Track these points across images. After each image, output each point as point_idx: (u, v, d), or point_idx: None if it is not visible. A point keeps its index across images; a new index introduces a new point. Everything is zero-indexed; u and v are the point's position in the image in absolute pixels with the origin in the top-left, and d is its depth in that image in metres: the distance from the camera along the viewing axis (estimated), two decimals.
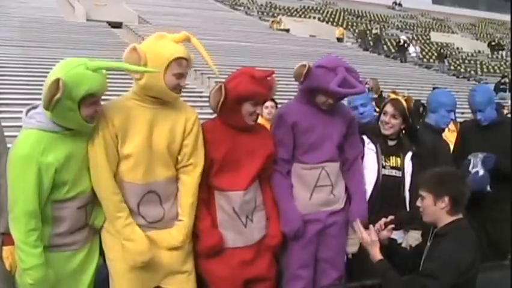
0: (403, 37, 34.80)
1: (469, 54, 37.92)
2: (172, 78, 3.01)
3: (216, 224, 3.34)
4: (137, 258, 3.02)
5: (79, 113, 2.80)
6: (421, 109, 5.61)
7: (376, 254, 3.20)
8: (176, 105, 3.20)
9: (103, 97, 2.96)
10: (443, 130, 4.36)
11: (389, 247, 3.40)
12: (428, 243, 3.22)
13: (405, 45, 32.97)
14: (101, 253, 3.20)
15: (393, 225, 3.40)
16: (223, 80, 3.35)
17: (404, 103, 3.92)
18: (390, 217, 3.38)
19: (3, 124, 3.27)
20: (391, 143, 3.92)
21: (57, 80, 2.64)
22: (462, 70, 31.88)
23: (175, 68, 3.01)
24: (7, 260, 3.03)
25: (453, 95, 4.55)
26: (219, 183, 3.32)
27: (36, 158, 2.78)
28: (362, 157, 3.82)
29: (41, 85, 2.81)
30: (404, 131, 3.97)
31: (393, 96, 3.99)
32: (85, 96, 2.77)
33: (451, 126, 4.73)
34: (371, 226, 3.30)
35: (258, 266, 3.42)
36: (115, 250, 3.09)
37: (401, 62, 31.40)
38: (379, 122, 3.95)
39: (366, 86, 10.85)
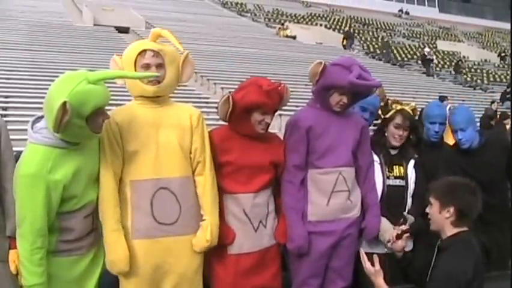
0: (427, 49, 33.18)
1: (476, 63, 37.81)
2: (141, 70, 3.11)
3: None
4: (113, 267, 3.05)
5: (87, 128, 2.81)
6: None
7: (380, 283, 3.19)
8: (178, 105, 3.33)
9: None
10: (436, 144, 4.24)
11: (402, 260, 3.41)
12: (434, 256, 3.21)
13: (430, 57, 31.60)
14: None
15: (408, 234, 3.40)
16: (227, 84, 3.39)
17: (411, 113, 3.91)
18: (405, 226, 3.40)
19: (11, 127, 3.29)
20: (393, 152, 3.90)
21: (63, 104, 2.64)
22: (468, 79, 31.76)
23: (141, 60, 3.13)
24: (13, 263, 3.04)
25: (440, 107, 4.43)
26: (229, 186, 3.35)
27: (44, 176, 2.78)
28: None
29: (48, 89, 2.82)
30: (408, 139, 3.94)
31: (400, 107, 3.92)
32: (92, 112, 2.79)
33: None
34: (374, 256, 3.27)
35: (264, 274, 3.43)
36: None
37: (427, 75, 30.29)
38: (387, 134, 3.90)
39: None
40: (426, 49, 33.19)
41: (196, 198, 3.25)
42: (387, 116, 3.91)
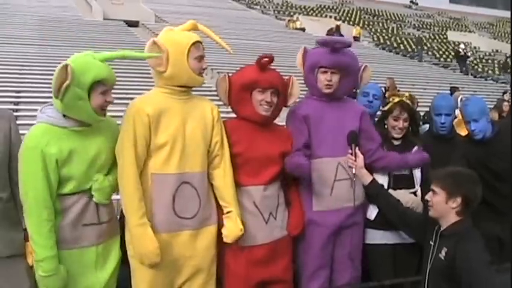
0: (462, 46, 31.34)
1: (487, 53, 37.60)
2: (195, 62, 3.14)
3: None
4: (144, 260, 3.01)
5: (89, 103, 2.84)
6: None
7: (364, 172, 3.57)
8: (199, 98, 3.35)
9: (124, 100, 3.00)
10: (446, 136, 4.21)
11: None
12: (431, 243, 3.25)
13: (466, 54, 29.88)
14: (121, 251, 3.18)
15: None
16: None
17: (410, 103, 3.89)
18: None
19: (22, 122, 3.32)
20: (396, 142, 3.88)
21: (65, 66, 2.71)
22: (479, 69, 31.58)
23: (195, 51, 3.14)
24: (30, 255, 3.05)
25: (445, 98, 4.41)
26: (239, 179, 3.34)
27: (41, 148, 2.82)
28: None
29: None
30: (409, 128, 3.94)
31: (397, 99, 3.89)
32: (94, 84, 2.83)
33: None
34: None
35: (275, 267, 3.43)
36: None
37: (462, 73, 29.19)
38: (387, 126, 3.89)
39: (383, 85, 10.78)
40: (461, 45, 31.58)
41: (211, 191, 3.27)
42: (385, 108, 3.91)
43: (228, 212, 3.25)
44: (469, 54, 30.85)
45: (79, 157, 2.94)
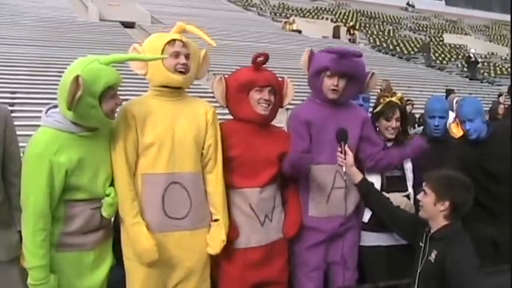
0: (472, 50, 30.35)
1: (483, 56, 37.63)
2: (169, 59, 3.11)
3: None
4: (143, 258, 3.02)
5: (100, 109, 2.82)
6: None
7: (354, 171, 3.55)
8: (194, 100, 3.33)
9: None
10: (439, 139, 4.19)
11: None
12: (421, 244, 3.26)
13: (476, 59, 29.13)
14: (116, 253, 3.18)
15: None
16: None
17: (399, 102, 3.90)
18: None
19: (18, 123, 3.29)
20: (388, 144, 3.87)
21: (76, 78, 2.66)
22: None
23: (169, 49, 3.13)
24: (23, 257, 3.03)
25: (439, 100, 4.41)
26: (235, 181, 3.34)
27: (49, 157, 2.78)
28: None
29: (55, 84, 2.84)
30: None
31: (387, 99, 3.88)
32: (104, 91, 2.80)
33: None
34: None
35: (270, 268, 3.43)
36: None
37: (471, 79, 28.66)
38: (379, 127, 3.87)
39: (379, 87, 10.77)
40: (472, 50, 30.87)
41: (205, 194, 3.25)
42: (376, 110, 3.89)
43: (215, 220, 3.24)
44: (479, 59, 30.36)
45: (87, 164, 2.92)
